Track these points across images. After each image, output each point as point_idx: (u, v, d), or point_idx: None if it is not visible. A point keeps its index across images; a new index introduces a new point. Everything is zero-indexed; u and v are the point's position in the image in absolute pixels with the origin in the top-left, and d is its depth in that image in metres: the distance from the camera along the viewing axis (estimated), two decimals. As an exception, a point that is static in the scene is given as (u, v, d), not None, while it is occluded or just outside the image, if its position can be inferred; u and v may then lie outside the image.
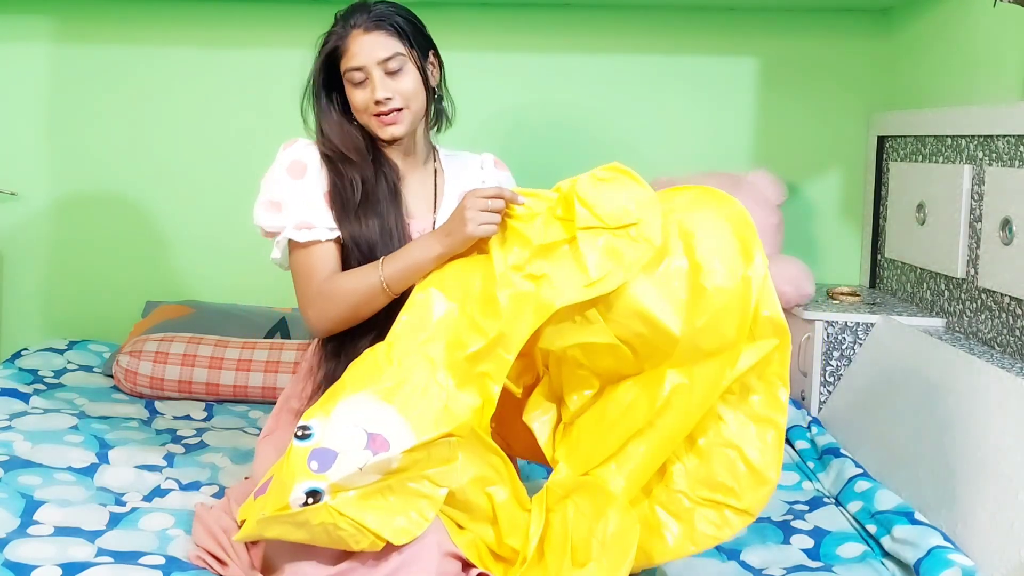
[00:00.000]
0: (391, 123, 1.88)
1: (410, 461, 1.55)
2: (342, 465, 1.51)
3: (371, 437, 1.53)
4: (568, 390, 1.76)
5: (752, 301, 1.62)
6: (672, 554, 1.69)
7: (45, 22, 3.29)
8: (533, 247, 1.66)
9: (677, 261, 1.65)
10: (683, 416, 1.65)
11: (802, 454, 2.42)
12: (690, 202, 1.71)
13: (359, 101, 1.88)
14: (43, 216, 3.33)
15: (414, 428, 1.55)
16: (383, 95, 1.86)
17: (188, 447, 2.42)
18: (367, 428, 1.54)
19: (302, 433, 1.55)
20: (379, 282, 1.77)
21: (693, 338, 1.64)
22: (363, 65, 1.86)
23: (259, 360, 2.80)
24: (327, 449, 1.52)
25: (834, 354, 2.69)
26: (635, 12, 3.26)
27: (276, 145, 2.00)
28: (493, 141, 3.08)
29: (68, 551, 1.79)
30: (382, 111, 1.87)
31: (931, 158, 2.79)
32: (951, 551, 1.79)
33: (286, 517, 1.53)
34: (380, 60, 1.86)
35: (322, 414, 1.57)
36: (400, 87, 1.87)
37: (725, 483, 1.65)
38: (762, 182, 3.05)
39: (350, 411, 1.56)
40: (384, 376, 1.61)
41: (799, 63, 3.27)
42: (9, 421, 2.45)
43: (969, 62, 2.69)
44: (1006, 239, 2.33)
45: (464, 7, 3.15)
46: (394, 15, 1.90)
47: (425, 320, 1.69)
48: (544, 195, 1.70)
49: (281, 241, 1.88)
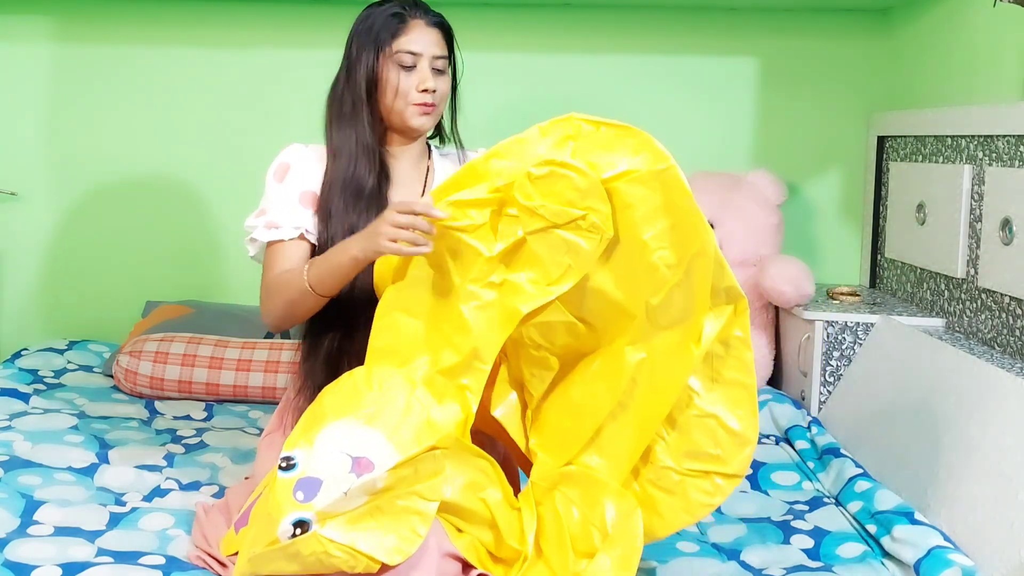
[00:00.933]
0: (427, 113, 1.93)
1: (396, 479, 1.53)
2: (327, 491, 1.49)
3: (355, 461, 1.51)
4: (528, 374, 1.75)
5: (707, 276, 1.62)
6: (671, 527, 1.70)
7: (45, 22, 3.29)
8: (485, 258, 1.63)
9: (626, 243, 1.63)
10: (654, 393, 1.65)
11: (802, 454, 2.42)
12: (630, 183, 1.62)
13: (403, 84, 1.91)
14: (43, 216, 3.33)
15: (397, 446, 1.54)
16: (431, 85, 1.91)
17: (188, 447, 2.42)
18: (351, 453, 1.52)
19: (286, 464, 1.53)
20: (304, 282, 1.80)
21: (649, 314, 1.64)
22: (420, 52, 1.91)
23: (259, 360, 2.80)
24: (312, 478, 1.51)
25: (834, 354, 2.69)
26: (635, 12, 3.25)
27: (275, 145, 2.01)
28: (492, 141, 3.07)
29: (68, 551, 1.79)
30: (424, 101, 1.91)
31: (931, 158, 2.79)
32: (951, 551, 1.79)
33: (277, 551, 1.50)
34: (435, 56, 1.92)
35: (305, 443, 1.55)
36: (441, 86, 1.94)
37: (709, 452, 1.67)
38: (762, 182, 3.05)
39: (333, 438, 1.55)
40: (365, 401, 1.60)
41: (799, 63, 3.27)
42: (9, 421, 2.45)
43: (969, 62, 2.69)
44: (1006, 239, 2.33)
45: (464, 7, 3.15)
46: (447, 23, 1.98)
47: (397, 343, 1.68)
48: (483, 200, 1.64)
49: (255, 239, 1.94)
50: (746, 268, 2.94)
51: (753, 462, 2.37)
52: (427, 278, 1.69)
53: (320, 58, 2.21)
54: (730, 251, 2.96)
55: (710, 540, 2.02)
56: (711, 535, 2.04)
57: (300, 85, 2.50)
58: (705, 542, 1.99)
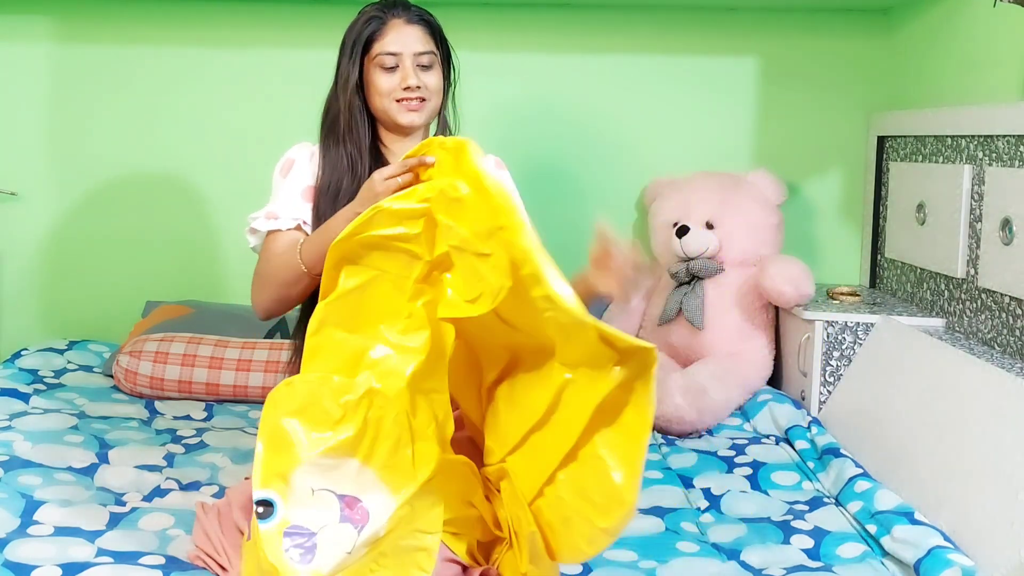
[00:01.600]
0: (414, 110, 1.94)
1: (396, 521, 1.47)
2: (328, 552, 1.40)
3: (343, 500, 1.43)
4: (483, 355, 1.68)
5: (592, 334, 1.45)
6: (560, 557, 1.57)
7: (45, 22, 3.29)
8: (423, 262, 1.58)
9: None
10: (572, 413, 1.52)
11: (802, 454, 2.42)
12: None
13: (385, 85, 1.93)
14: (43, 216, 3.33)
15: (391, 487, 1.45)
16: (414, 83, 1.92)
17: (188, 447, 2.42)
18: (336, 490, 1.43)
19: (263, 511, 1.41)
20: (298, 260, 1.83)
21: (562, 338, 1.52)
22: (399, 52, 1.92)
23: (259, 360, 2.80)
24: (301, 529, 1.42)
25: (834, 354, 2.69)
26: (635, 12, 3.25)
27: (275, 145, 2.03)
28: (492, 140, 3.07)
29: (68, 551, 1.79)
30: (409, 97, 1.93)
31: (931, 158, 2.79)
32: (951, 551, 1.80)
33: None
34: (417, 52, 1.93)
35: (279, 482, 1.44)
36: (428, 81, 1.94)
37: (593, 498, 1.50)
38: (762, 182, 3.05)
39: (312, 474, 1.44)
40: (340, 425, 1.49)
41: (799, 63, 3.27)
42: (9, 421, 2.45)
43: (969, 62, 2.69)
44: (1006, 239, 2.33)
45: (464, 7, 3.16)
46: (427, 16, 1.98)
47: (335, 360, 1.57)
48: (416, 210, 1.58)
49: (256, 229, 1.95)
50: (746, 268, 2.95)
51: (753, 461, 2.38)
52: (361, 290, 1.60)
53: (320, 58, 2.21)
54: (730, 251, 2.96)
55: (710, 540, 2.02)
56: (711, 535, 2.04)
57: (300, 85, 2.49)
58: (705, 542, 1.99)
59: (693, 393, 2.61)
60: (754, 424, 2.66)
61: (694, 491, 2.27)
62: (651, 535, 2.00)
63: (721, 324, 2.89)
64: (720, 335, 2.88)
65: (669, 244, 3.01)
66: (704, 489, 2.27)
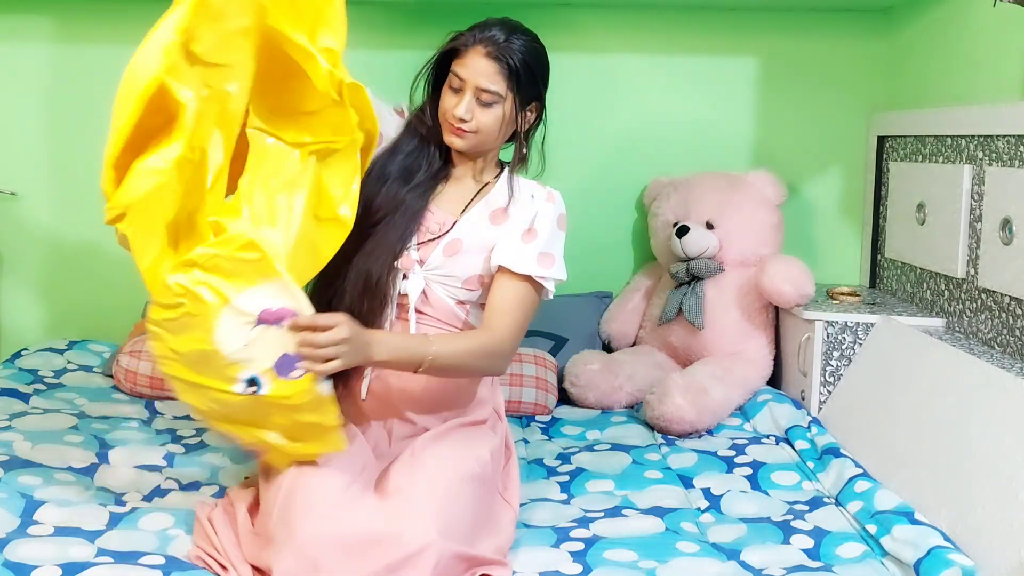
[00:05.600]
0: (456, 135, 1.98)
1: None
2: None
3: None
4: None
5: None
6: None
7: (45, 22, 3.29)
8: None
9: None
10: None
11: (802, 454, 2.42)
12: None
13: (447, 103, 1.98)
14: (43, 216, 3.33)
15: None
16: (464, 114, 1.95)
17: (188, 447, 2.42)
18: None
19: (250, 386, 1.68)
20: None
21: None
22: (466, 79, 1.95)
23: (259, 360, 2.79)
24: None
25: (834, 354, 2.69)
26: (635, 12, 3.26)
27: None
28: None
29: (68, 551, 1.79)
30: (454, 124, 1.96)
31: (931, 158, 2.79)
32: (951, 551, 1.80)
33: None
34: (480, 87, 1.95)
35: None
36: (482, 118, 1.97)
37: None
38: (762, 182, 3.05)
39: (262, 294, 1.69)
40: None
41: (799, 63, 3.27)
42: (9, 421, 2.45)
43: (969, 62, 2.69)
44: (1006, 239, 2.33)
45: (464, 7, 3.15)
46: (518, 57, 1.96)
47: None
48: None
49: None
50: (746, 268, 2.95)
51: (753, 461, 2.38)
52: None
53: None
54: (730, 251, 2.96)
55: (710, 540, 2.02)
56: (711, 535, 2.04)
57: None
58: (705, 542, 1.99)
59: (693, 393, 2.61)
60: (754, 424, 2.66)
61: (694, 491, 2.27)
62: (651, 535, 2.00)
63: (721, 324, 2.89)
64: (720, 335, 2.89)
65: (669, 244, 3.01)
66: (704, 489, 2.27)
